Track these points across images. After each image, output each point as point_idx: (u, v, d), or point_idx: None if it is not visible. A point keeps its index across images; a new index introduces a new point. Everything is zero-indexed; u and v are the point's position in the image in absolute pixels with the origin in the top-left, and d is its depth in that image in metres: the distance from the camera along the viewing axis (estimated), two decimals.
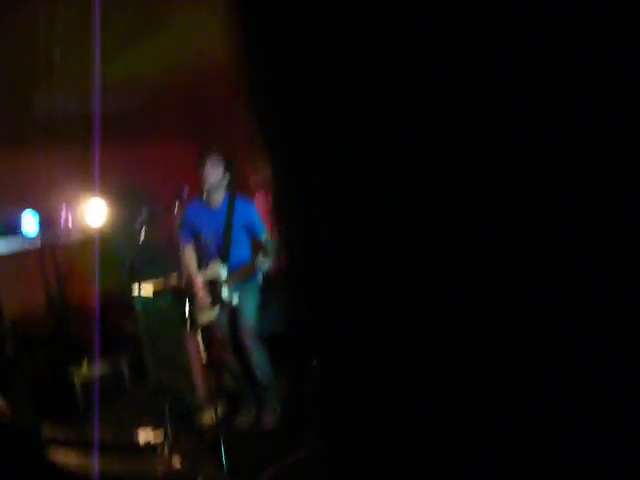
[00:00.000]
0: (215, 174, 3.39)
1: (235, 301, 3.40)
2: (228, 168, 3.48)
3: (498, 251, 0.72)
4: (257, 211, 3.56)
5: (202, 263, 3.55)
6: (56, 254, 4.85)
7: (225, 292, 3.40)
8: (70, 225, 4.75)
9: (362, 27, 0.72)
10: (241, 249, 3.50)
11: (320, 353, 0.92)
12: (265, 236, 3.44)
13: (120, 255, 3.98)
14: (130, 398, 4.20)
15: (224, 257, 3.44)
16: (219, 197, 3.46)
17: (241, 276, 3.42)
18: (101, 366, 4.24)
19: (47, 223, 4.64)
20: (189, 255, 3.58)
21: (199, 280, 3.46)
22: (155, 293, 3.90)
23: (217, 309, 3.43)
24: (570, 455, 0.71)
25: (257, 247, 3.51)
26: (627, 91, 0.60)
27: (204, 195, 3.40)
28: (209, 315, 3.44)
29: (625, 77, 0.59)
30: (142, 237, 3.10)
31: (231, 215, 3.43)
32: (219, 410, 3.09)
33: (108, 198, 4.50)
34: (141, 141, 5.37)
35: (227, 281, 3.41)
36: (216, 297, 3.42)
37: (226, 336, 3.48)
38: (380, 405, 0.84)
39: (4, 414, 2.91)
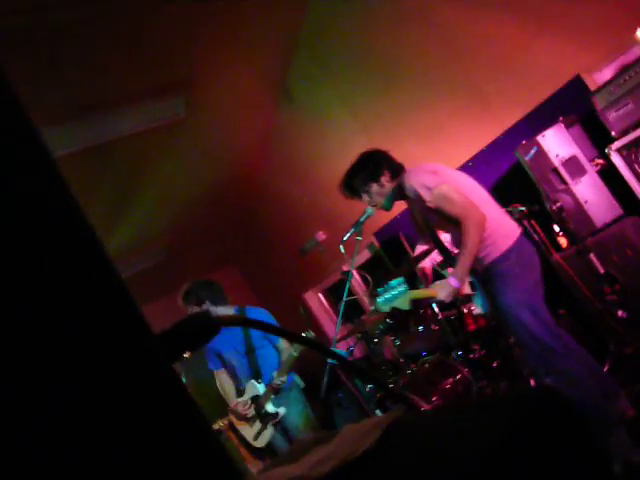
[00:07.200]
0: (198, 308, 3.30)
1: (282, 412, 3.25)
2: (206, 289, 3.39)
3: None
4: (269, 315, 3.43)
5: (238, 385, 3.39)
6: None
7: (270, 407, 3.24)
8: None
9: None
10: (269, 359, 3.34)
11: None
12: (281, 343, 3.35)
13: None
14: None
15: (257, 373, 3.29)
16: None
17: (276, 388, 3.23)
18: None
19: None
20: (224, 380, 3.44)
21: (241, 404, 3.29)
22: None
23: (269, 426, 3.26)
24: None
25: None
26: None
27: None
28: (265, 436, 3.27)
29: None
30: None
31: (247, 330, 3.29)
32: None
33: None
34: None
35: (266, 395, 3.23)
36: (264, 414, 3.25)
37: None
38: None
39: None
